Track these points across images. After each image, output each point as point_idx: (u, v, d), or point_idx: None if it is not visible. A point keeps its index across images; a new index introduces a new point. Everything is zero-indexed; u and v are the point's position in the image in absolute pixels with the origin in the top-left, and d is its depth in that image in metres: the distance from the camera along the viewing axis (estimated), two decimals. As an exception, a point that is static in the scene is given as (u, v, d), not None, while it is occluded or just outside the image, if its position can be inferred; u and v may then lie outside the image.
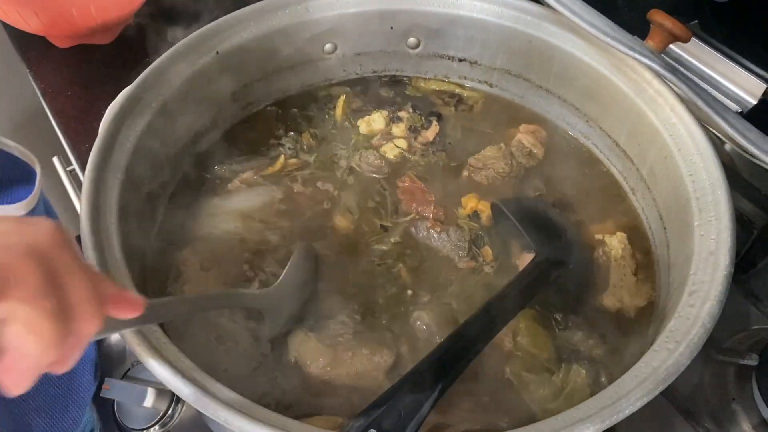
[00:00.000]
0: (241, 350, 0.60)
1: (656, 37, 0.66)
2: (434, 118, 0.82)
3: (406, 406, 0.44)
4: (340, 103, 0.83)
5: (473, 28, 0.79)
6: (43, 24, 0.99)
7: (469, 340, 0.52)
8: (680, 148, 0.64)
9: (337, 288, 0.65)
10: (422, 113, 0.83)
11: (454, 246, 0.69)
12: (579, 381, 0.58)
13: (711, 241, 0.56)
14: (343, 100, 0.83)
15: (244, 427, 0.44)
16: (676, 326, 0.51)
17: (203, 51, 0.71)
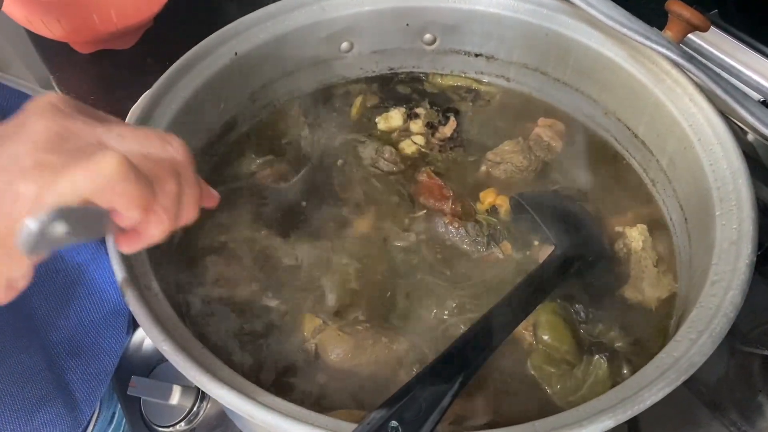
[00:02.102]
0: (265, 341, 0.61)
1: (674, 27, 0.66)
2: (451, 114, 0.82)
3: (428, 398, 0.45)
4: (356, 103, 0.83)
5: (489, 23, 0.80)
6: (65, 30, 1.01)
7: (489, 332, 0.52)
8: (700, 138, 0.64)
9: (356, 280, 0.65)
10: (439, 109, 0.83)
11: (472, 241, 0.69)
12: (600, 373, 0.58)
13: (733, 231, 0.55)
14: (359, 101, 0.83)
15: (269, 421, 0.44)
16: (698, 316, 0.50)
17: (222, 52, 0.72)
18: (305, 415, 0.45)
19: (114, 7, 0.99)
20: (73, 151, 0.38)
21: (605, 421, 0.44)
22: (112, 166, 0.38)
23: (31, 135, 0.39)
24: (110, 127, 0.41)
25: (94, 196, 0.38)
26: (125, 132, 0.41)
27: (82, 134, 0.40)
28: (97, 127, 0.41)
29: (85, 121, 0.40)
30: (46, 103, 0.40)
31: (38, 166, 0.37)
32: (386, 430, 0.43)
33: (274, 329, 0.62)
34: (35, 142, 0.38)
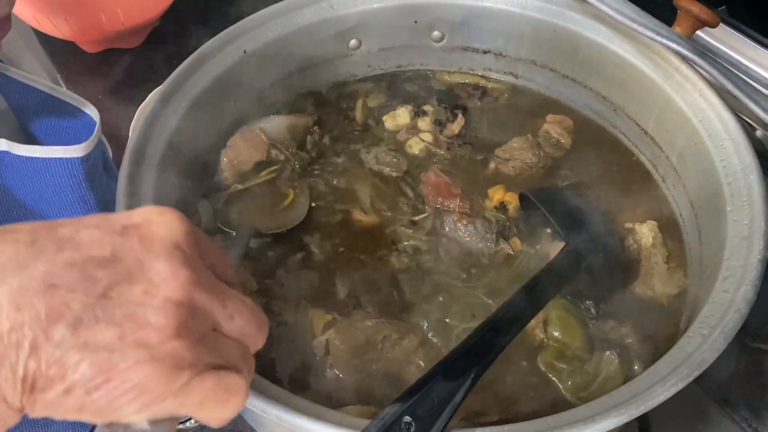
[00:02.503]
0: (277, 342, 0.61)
1: (683, 23, 0.66)
2: (460, 111, 0.82)
3: (440, 394, 0.45)
4: (359, 106, 0.83)
5: (497, 20, 0.79)
6: (73, 30, 1.01)
7: (500, 329, 0.52)
8: (710, 134, 0.63)
9: (366, 277, 0.66)
10: (447, 106, 0.83)
11: (481, 238, 0.69)
12: (611, 369, 0.58)
13: (744, 226, 0.55)
14: (361, 104, 0.83)
15: (282, 417, 0.45)
16: (710, 312, 0.50)
17: (230, 51, 0.72)
18: (318, 411, 0.45)
19: (121, 7, 0.99)
20: (198, 351, 0.33)
21: (617, 417, 0.44)
22: (239, 405, 0.34)
23: (158, 298, 0.32)
24: (224, 301, 0.35)
25: (197, 416, 0.34)
26: (236, 313, 0.36)
27: (203, 314, 0.34)
28: (215, 303, 0.34)
29: (207, 290, 0.34)
30: (169, 241, 0.34)
31: (170, 360, 0.31)
32: (399, 425, 0.43)
33: (285, 326, 0.62)
34: (165, 316, 0.32)
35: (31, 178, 0.57)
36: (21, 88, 0.62)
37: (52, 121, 0.63)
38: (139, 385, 0.31)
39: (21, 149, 0.56)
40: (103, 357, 0.30)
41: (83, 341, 0.30)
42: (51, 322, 0.29)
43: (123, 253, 0.32)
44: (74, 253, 0.31)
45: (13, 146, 0.56)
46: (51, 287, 0.30)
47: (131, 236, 0.33)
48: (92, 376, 0.30)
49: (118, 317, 0.31)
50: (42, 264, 0.30)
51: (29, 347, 0.29)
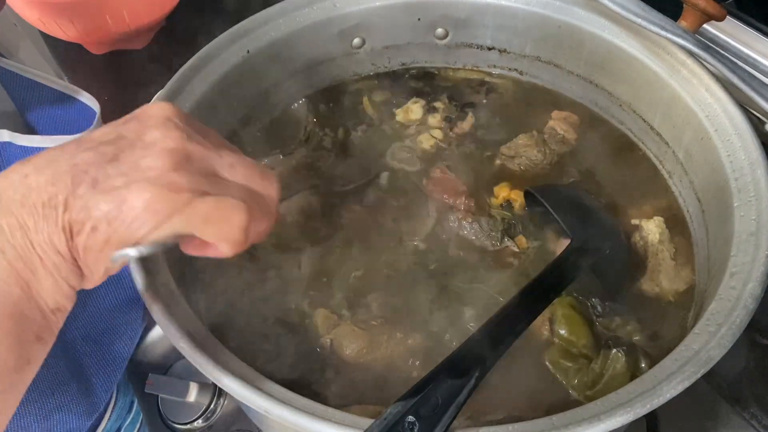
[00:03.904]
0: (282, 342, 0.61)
1: (689, 17, 0.65)
2: (470, 110, 0.82)
3: (444, 393, 0.45)
4: (365, 101, 0.83)
5: (501, 16, 0.79)
6: (78, 32, 1.01)
7: (505, 327, 0.52)
8: (717, 129, 0.63)
9: (370, 275, 0.66)
10: (458, 104, 0.82)
11: (486, 236, 0.69)
12: (618, 367, 0.57)
13: (751, 222, 0.55)
14: (366, 99, 0.83)
15: (285, 417, 0.44)
16: (717, 308, 0.50)
17: (234, 51, 0.72)
18: (321, 411, 0.45)
19: (126, 8, 1.00)
20: (196, 181, 0.40)
21: (624, 415, 0.44)
22: (241, 222, 0.41)
23: (155, 149, 0.39)
24: (221, 154, 0.42)
25: (206, 235, 0.41)
26: (235, 163, 0.43)
27: (199, 159, 0.41)
28: (211, 153, 0.42)
29: (201, 144, 0.41)
30: (162, 116, 0.41)
31: (169, 186, 0.38)
32: (403, 425, 0.42)
33: (290, 325, 0.62)
34: (161, 159, 0.39)
35: None
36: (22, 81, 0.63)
37: (53, 113, 0.65)
38: (147, 207, 0.38)
39: (23, 140, 0.58)
40: (114, 194, 0.38)
41: (100, 190, 0.38)
42: (75, 185, 0.38)
43: (125, 133, 0.40)
44: (90, 143, 0.40)
45: (16, 137, 0.57)
46: (74, 166, 0.39)
47: (131, 121, 0.41)
48: (109, 210, 0.38)
49: (124, 169, 0.39)
50: (67, 155, 0.39)
51: (63, 205, 0.38)
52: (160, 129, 0.40)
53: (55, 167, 0.39)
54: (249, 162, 0.44)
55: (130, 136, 0.40)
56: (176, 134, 0.40)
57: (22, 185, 0.38)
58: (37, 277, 0.39)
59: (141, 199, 0.38)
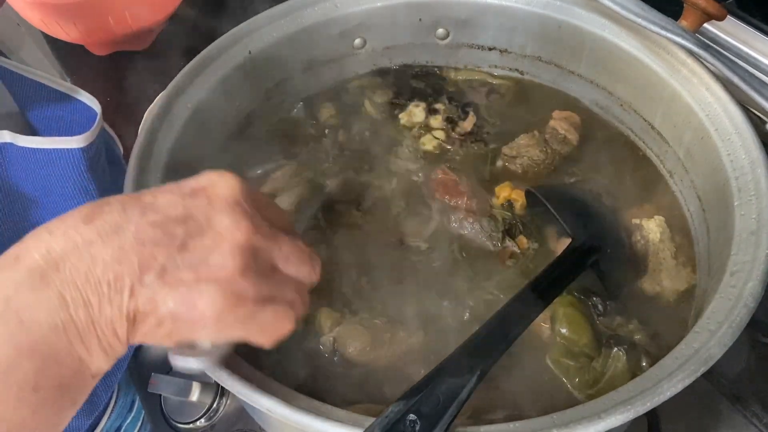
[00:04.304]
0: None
1: (690, 17, 0.65)
2: (470, 109, 0.82)
3: (445, 392, 0.45)
4: (367, 103, 0.83)
5: (502, 16, 0.79)
6: (81, 33, 1.02)
7: (506, 325, 0.52)
8: (717, 128, 0.63)
9: (372, 275, 0.66)
10: (458, 104, 0.83)
11: (487, 236, 0.69)
12: (619, 366, 0.57)
13: (752, 221, 0.55)
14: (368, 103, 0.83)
15: (287, 416, 0.45)
16: (718, 307, 0.50)
17: (236, 51, 0.73)
18: (324, 410, 0.45)
19: (129, 9, 1.00)
20: (260, 287, 0.40)
21: (624, 413, 0.44)
22: (286, 329, 0.43)
23: (224, 245, 0.39)
24: (280, 244, 0.43)
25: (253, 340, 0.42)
26: (290, 254, 0.43)
27: (263, 256, 0.41)
28: (272, 245, 0.42)
29: (265, 235, 0.42)
30: (230, 197, 0.41)
31: (237, 296, 0.39)
32: (404, 423, 0.43)
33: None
34: (230, 258, 0.39)
35: (34, 169, 0.59)
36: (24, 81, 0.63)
37: (55, 113, 0.65)
38: (214, 316, 0.38)
39: (24, 140, 0.58)
40: (183, 293, 0.38)
41: (168, 283, 0.38)
42: (143, 271, 0.37)
43: (194, 212, 0.40)
44: (155, 215, 0.39)
45: (17, 138, 0.57)
46: (141, 244, 0.38)
47: (199, 197, 0.41)
48: (176, 309, 0.38)
49: (194, 263, 0.38)
50: (132, 226, 0.38)
51: (129, 291, 0.37)
52: (229, 215, 0.40)
53: (121, 240, 0.38)
54: (301, 252, 0.44)
55: (199, 218, 0.40)
56: (245, 225, 0.40)
57: (87, 254, 0.37)
58: (90, 353, 0.38)
59: (210, 306, 0.38)
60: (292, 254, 0.43)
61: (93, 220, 0.38)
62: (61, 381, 0.38)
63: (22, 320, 0.36)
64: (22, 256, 0.37)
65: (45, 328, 0.36)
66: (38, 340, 0.36)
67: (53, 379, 0.37)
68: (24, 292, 0.36)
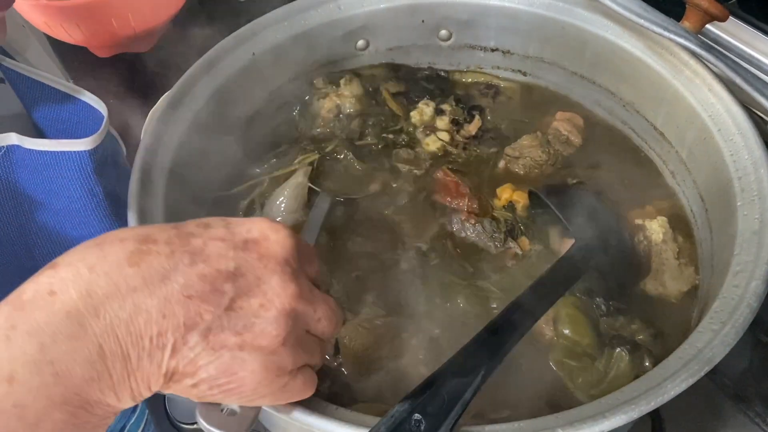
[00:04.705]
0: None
1: (692, 18, 0.65)
2: (477, 112, 0.82)
3: (450, 391, 0.45)
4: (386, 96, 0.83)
5: (504, 18, 0.80)
6: (84, 35, 1.02)
7: (510, 326, 0.52)
8: (720, 128, 0.63)
9: (375, 276, 0.66)
10: (465, 107, 0.83)
11: (489, 237, 0.69)
12: (622, 366, 0.58)
13: (755, 221, 0.55)
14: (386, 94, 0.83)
15: (293, 416, 0.45)
16: (721, 307, 0.50)
17: (239, 53, 0.73)
18: (329, 410, 0.45)
19: (132, 11, 1.00)
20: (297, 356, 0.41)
21: (628, 413, 0.44)
22: (309, 393, 0.44)
23: (270, 311, 0.39)
24: (316, 308, 0.42)
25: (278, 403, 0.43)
26: (322, 317, 0.43)
27: (302, 321, 0.41)
28: (310, 309, 0.42)
29: (306, 298, 0.41)
30: (282, 257, 0.40)
31: (277, 368, 0.39)
32: (409, 422, 0.43)
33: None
34: (274, 327, 0.39)
35: (41, 171, 0.59)
36: (30, 82, 0.64)
37: (61, 115, 0.65)
38: (251, 388, 0.39)
39: (31, 143, 0.58)
40: (226, 361, 0.37)
41: (211, 346, 0.37)
42: (188, 330, 0.36)
43: (245, 269, 0.39)
44: (205, 267, 0.38)
45: (24, 140, 0.58)
46: (188, 298, 0.36)
47: (251, 251, 0.40)
48: (216, 377, 0.38)
49: (239, 327, 0.38)
50: (180, 276, 0.37)
51: (171, 349, 0.36)
52: (279, 276, 0.39)
53: (167, 291, 0.36)
54: (333, 313, 0.44)
55: (249, 276, 0.39)
56: (291, 290, 0.40)
57: (130, 302, 0.35)
58: (120, 400, 0.37)
59: (250, 377, 0.38)
60: (324, 316, 0.43)
61: (138, 263, 0.36)
62: (87, 427, 0.37)
63: (57, 372, 0.34)
64: (59, 292, 0.35)
65: (79, 380, 0.35)
66: (72, 392, 0.35)
67: (80, 428, 0.36)
68: (61, 341, 0.34)
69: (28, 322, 0.34)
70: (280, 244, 0.40)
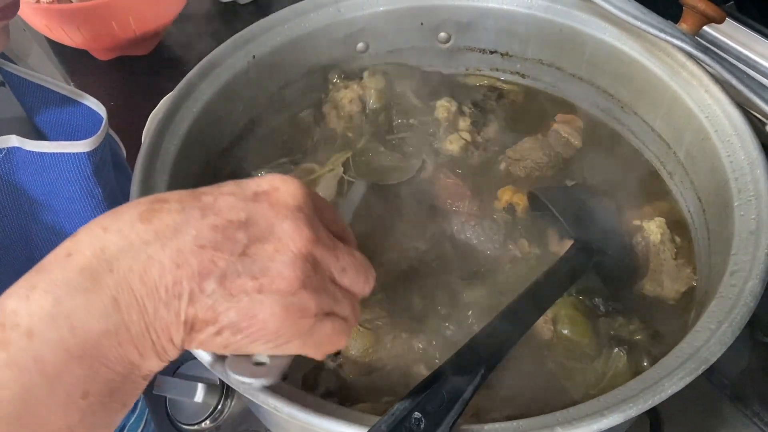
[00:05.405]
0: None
1: (689, 20, 0.66)
2: (492, 115, 0.82)
3: (450, 390, 0.45)
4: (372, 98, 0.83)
5: (503, 20, 0.80)
6: (85, 38, 1.03)
7: (509, 326, 0.53)
8: (717, 129, 0.64)
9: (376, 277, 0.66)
10: (482, 109, 0.83)
11: (489, 239, 0.69)
12: (620, 366, 0.58)
13: (751, 221, 0.55)
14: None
15: (294, 414, 0.45)
16: (718, 306, 0.50)
17: (239, 56, 0.73)
18: (330, 408, 0.46)
19: (132, 14, 1.01)
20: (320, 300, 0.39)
21: (626, 411, 0.44)
22: (342, 344, 0.42)
23: (286, 253, 0.38)
24: (338, 255, 0.41)
25: (308, 353, 0.41)
26: (347, 267, 0.42)
27: (322, 267, 0.40)
28: (331, 255, 0.41)
29: (325, 245, 0.40)
30: (293, 205, 0.40)
31: (299, 310, 0.38)
32: (410, 421, 0.43)
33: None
34: (291, 269, 0.38)
35: (41, 173, 0.59)
36: (30, 86, 0.64)
37: (61, 118, 0.65)
38: (274, 330, 0.38)
39: (31, 145, 0.58)
40: (246, 305, 0.37)
41: (229, 292, 0.36)
42: (203, 278, 0.36)
43: (256, 217, 0.38)
44: (216, 218, 0.37)
45: (24, 142, 0.58)
46: (201, 248, 0.36)
47: (262, 202, 0.39)
48: (238, 321, 0.37)
49: (255, 271, 0.37)
50: (192, 228, 0.37)
51: (188, 298, 0.36)
52: (291, 222, 0.39)
53: (180, 242, 0.36)
54: (358, 264, 0.43)
55: (261, 224, 0.38)
56: (306, 234, 0.39)
57: (143, 255, 0.36)
58: (143, 356, 0.37)
59: (271, 319, 0.37)
60: (350, 266, 0.42)
61: (150, 220, 0.37)
62: (111, 386, 0.37)
63: (74, 326, 0.35)
64: (74, 252, 0.36)
65: (96, 333, 0.35)
66: (89, 345, 0.35)
67: (103, 384, 0.36)
68: (75, 295, 0.35)
69: (45, 281, 0.35)
70: (290, 194, 0.40)
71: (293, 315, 0.38)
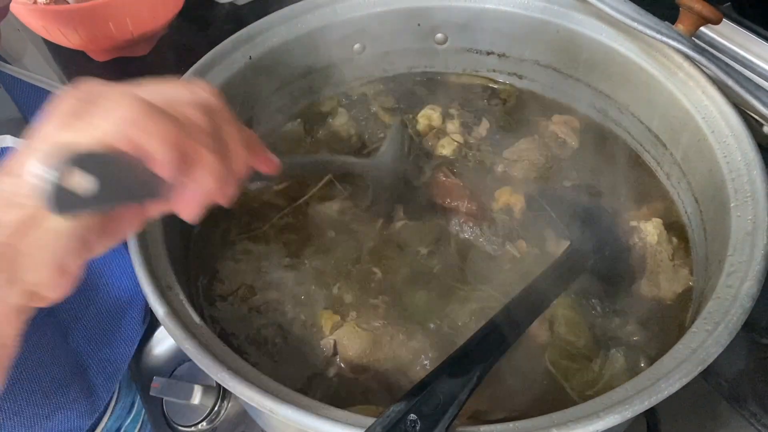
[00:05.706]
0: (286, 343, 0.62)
1: (686, 21, 0.66)
2: (483, 115, 0.82)
3: (446, 392, 0.45)
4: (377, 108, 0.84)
5: (500, 21, 0.80)
6: (82, 39, 1.02)
7: (506, 327, 0.53)
8: (713, 130, 0.64)
9: (373, 277, 0.66)
10: (471, 110, 0.83)
11: (487, 240, 0.69)
12: (617, 367, 0.58)
13: (748, 222, 0.55)
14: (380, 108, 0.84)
15: (290, 416, 0.45)
16: (714, 307, 0.50)
17: (236, 57, 0.73)
18: (325, 410, 0.46)
19: (130, 15, 1.01)
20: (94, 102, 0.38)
21: (622, 412, 0.44)
22: (129, 104, 0.37)
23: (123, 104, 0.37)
24: (134, 84, 0.40)
25: (114, 140, 0.36)
26: (146, 81, 0.41)
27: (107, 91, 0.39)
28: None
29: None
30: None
31: (62, 115, 0.38)
32: (405, 423, 0.43)
33: (294, 326, 0.63)
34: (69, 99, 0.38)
35: None
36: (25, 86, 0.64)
37: None
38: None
39: None
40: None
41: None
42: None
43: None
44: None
45: (19, 143, 0.58)
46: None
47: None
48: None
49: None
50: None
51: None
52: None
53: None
54: (167, 80, 0.42)
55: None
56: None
57: None
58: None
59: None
60: (150, 82, 0.41)
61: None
62: None
63: None
64: None
65: None
66: None
67: None
68: None
69: None
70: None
71: (81, 97, 0.38)
